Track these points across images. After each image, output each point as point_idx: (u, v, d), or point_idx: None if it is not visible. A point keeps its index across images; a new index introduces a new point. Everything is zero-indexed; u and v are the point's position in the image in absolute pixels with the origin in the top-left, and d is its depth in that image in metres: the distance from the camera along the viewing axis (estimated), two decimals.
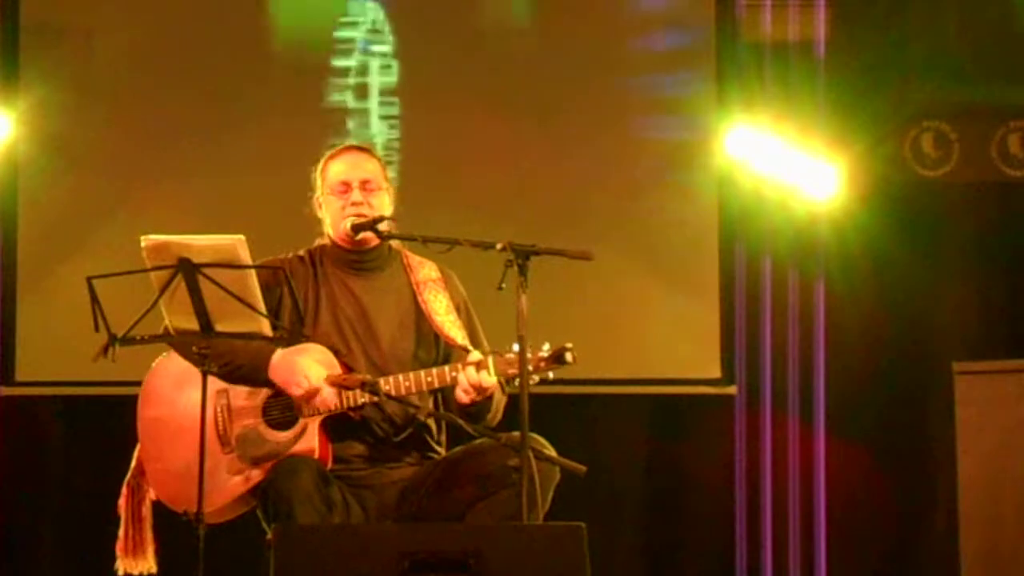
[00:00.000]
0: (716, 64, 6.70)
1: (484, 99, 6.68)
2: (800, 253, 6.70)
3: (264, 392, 4.32)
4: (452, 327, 4.38)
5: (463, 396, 4.24)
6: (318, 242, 4.53)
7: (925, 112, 6.79)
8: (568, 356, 4.23)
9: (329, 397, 4.23)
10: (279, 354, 4.23)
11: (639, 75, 6.70)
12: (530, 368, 4.20)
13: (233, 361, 4.24)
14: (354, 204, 4.40)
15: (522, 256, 4.05)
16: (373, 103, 6.70)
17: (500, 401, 4.35)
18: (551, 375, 4.27)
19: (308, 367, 4.22)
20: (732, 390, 6.65)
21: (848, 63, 6.72)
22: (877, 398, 6.72)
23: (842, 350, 6.71)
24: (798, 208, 6.69)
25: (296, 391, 4.22)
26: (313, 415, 4.27)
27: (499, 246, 4.08)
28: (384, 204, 4.44)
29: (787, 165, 6.63)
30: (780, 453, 6.64)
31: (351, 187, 4.41)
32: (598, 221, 6.60)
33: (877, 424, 6.71)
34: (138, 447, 4.40)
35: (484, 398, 4.26)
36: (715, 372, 6.65)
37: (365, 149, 4.58)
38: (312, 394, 4.21)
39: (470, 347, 4.32)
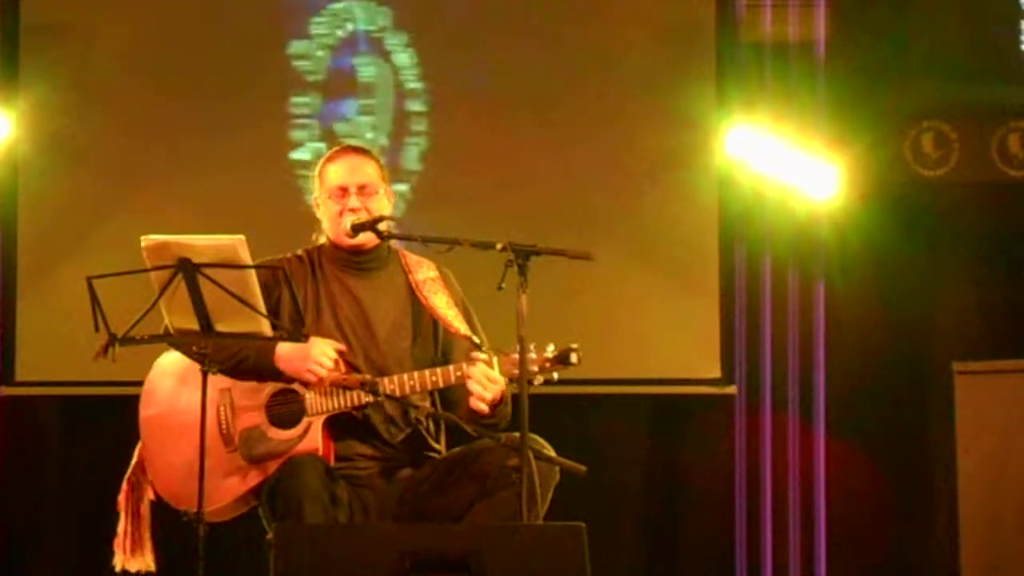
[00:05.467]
0: (716, 64, 6.70)
1: (484, 99, 6.69)
2: (800, 253, 6.70)
3: (267, 391, 4.32)
4: (456, 319, 4.39)
5: (480, 405, 4.22)
6: (315, 237, 4.53)
7: (925, 112, 6.79)
8: (573, 357, 4.24)
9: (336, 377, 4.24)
10: (282, 343, 4.24)
11: (639, 75, 6.70)
12: (535, 369, 4.21)
13: (238, 353, 4.24)
14: (351, 210, 4.39)
15: (522, 256, 4.05)
16: (375, 105, 6.70)
17: (510, 403, 4.34)
18: (556, 376, 4.27)
19: (320, 350, 4.22)
20: (732, 390, 6.65)
21: (848, 63, 6.72)
22: (877, 398, 6.72)
23: (842, 350, 6.71)
24: (798, 208, 6.69)
25: (310, 377, 4.23)
26: (318, 413, 4.27)
27: (499, 246, 4.08)
28: (383, 206, 4.44)
29: (787, 165, 6.63)
30: (780, 453, 6.64)
31: (348, 192, 4.41)
32: (598, 221, 6.60)
33: (877, 424, 6.71)
34: (139, 445, 4.40)
35: (499, 404, 4.26)
36: (715, 372, 6.65)
37: (363, 151, 4.56)
38: (323, 378, 4.22)
39: (474, 336, 4.32)
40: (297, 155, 6.59)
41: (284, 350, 4.26)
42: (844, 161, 6.63)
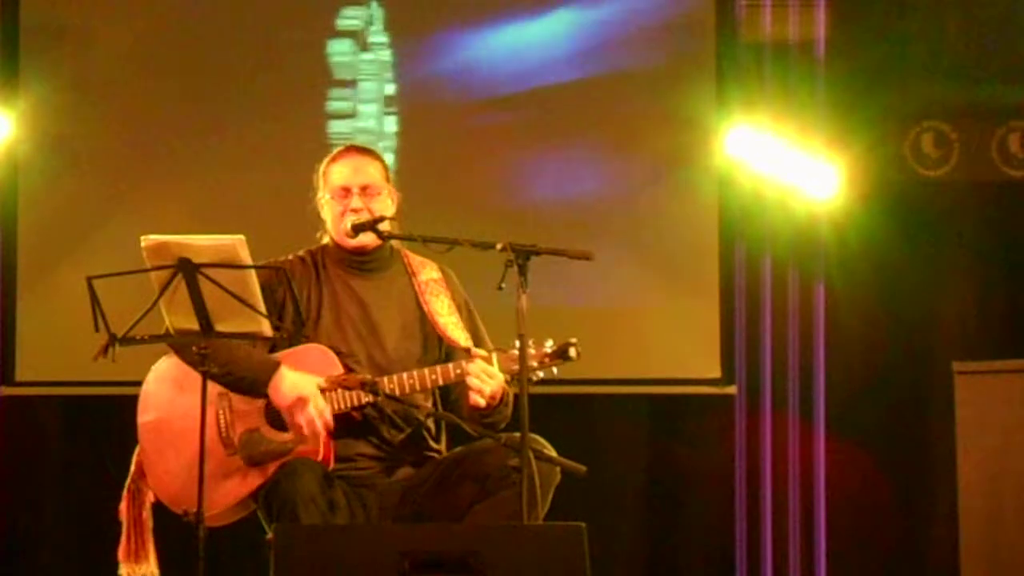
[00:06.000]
0: (716, 64, 6.70)
1: (484, 98, 6.69)
2: (800, 253, 6.70)
3: None
4: (455, 329, 4.38)
5: (478, 399, 4.22)
6: (319, 236, 4.52)
7: (925, 112, 6.79)
8: (572, 352, 4.24)
9: (321, 419, 4.21)
10: (280, 374, 4.22)
11: (639, 75, 6.70)
12: (534, 364, 4.21)
13: (233, 373, 4.22)
14: (353, 210, 4.39)
15: (522, 256, 4.05)
16: (373, 103, 6.70)
17: (512, 401, 4.34)
18: (555, 371, 4.28)
19: (303, 388, 4.20)
20: (732, 390, 6.65)
21: (848, 63, 6.72)
22: (877, 398, 6.72)
23: (842, 350, 6.71)
24: (798, 208, 6.69)
25: (288, 419, 4.21)
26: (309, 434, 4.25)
27: (499, 246, 4.08)
28: (385, 207, 4.44)
29: (787, 165, 6.63)
30: (780, 453, 6.64)
31: (351, 192, 4.41)
32: (598, 221, 6.60)
33: (877, 424, 6.71)
34: (137, 451, 4.39)
35: (500, 404, 4.26)
36: (715, 372, 6.65)
37: (367, 151, 4.56)
38: (305, 424, 4.20)
39: (473, 349, 4.32)
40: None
41: (276, 382, 4.22)
42: (844, 161, 6.63)
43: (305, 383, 4.20)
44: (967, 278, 6.77)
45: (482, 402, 4.22)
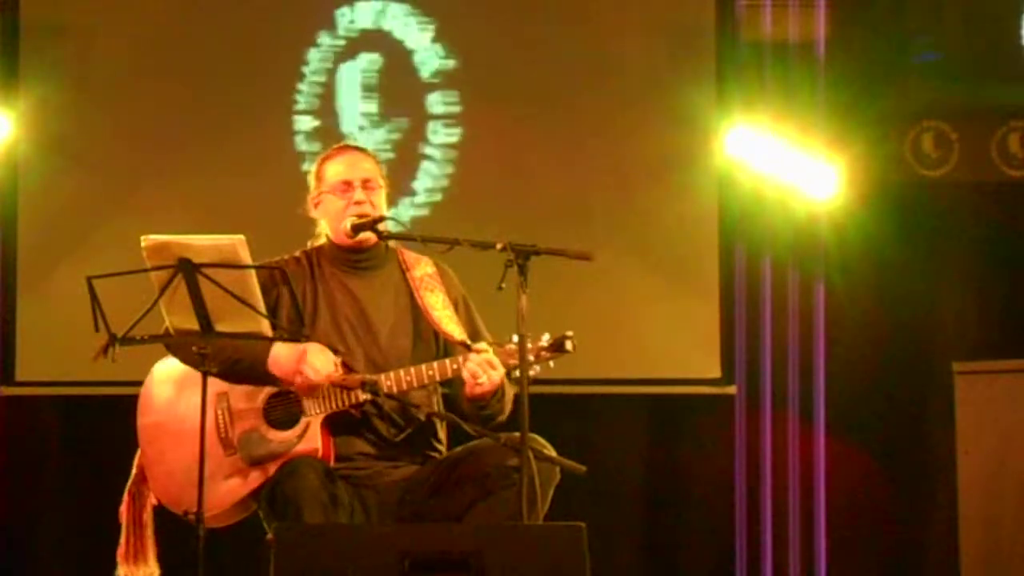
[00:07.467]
0: (716, 64, 6.71)
1: (484, 99, 6.69)
2: (800, 253, 6.70)
3: (264, 393, 4.32)
4: (450, 322, 4.39)
5: (474, 387, 4.22)
6: (311, 243, 4.53)
7: (925, 112, 6.79)
8: (568, 344, 4.24)
9: (326, 375, 4.21)
10: (279, 346, 4.23)
11: (639, 75, 6.70)
12: (531, 358, 4.20)
13: (232, 356, 4.23)
14: (357, 203, 4.40)
15: (522, 256, 4.05)
16: (376, 101, 6.71)
17: (510, 397, 4.34)
18: (552, 364, 4.27)
19: (317, 356, 4.21)
20: (732, 390, 6.65)
21: (848, 63, 6.72)
22: (877, 398, 6.72)
23: (842, 350, 6.71)
24: (798, 208, 6.69)
25: (300, 380, 4.22)
26: (316, 413, 4.26)
27: (499, 246, 4.08)
28: (383, 202, 4.46)
29: (787, 165, 6.63)
30: (780, 453, 6.64)
31: (353, 186, 4.42)
32: (598, 221, 6.61)
33: (877, 424, 6.71)
34: (138, 453, 4.39)
35: (496, 399, 4.26)
36: (715, 372, 6.65)
37: (361, 149, 4.59)
38: (315, 385, 4.20)
39: (468, 342, 4.32)
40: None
41: (277, 354, 4.25)
42: (844, 161, 6.63)
43: (300, 347, 4.21)
44: (967, 278, 6.77)
45: (477, 389, 4.22)
